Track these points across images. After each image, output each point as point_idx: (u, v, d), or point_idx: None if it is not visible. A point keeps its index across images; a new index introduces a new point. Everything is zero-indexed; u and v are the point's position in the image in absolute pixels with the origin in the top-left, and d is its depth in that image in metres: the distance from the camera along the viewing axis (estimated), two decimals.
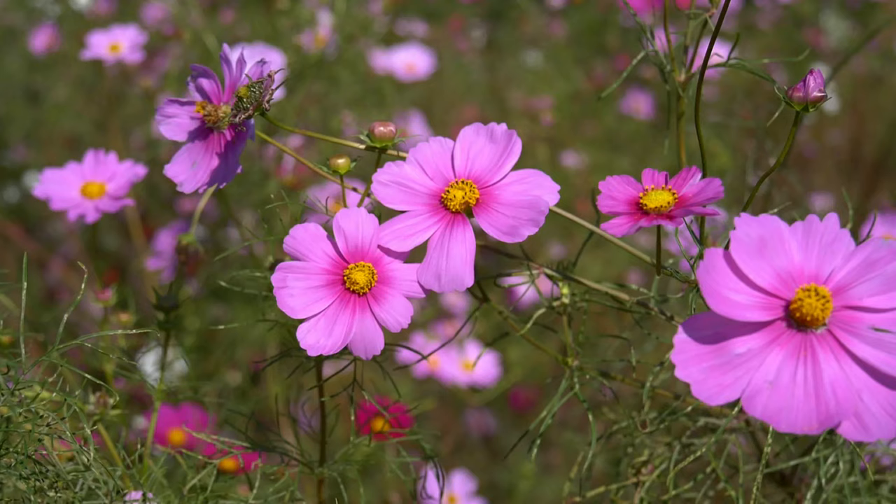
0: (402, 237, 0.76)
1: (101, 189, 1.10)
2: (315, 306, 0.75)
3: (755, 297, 0.61)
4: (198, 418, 1.31)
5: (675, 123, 0.91)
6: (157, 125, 0.82)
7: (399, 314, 0.74)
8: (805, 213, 1.43)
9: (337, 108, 2.10)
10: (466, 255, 0.75)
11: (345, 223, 0.76)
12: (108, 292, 1.07)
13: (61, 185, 1.11)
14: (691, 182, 0.73)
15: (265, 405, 1.81)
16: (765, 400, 0.59)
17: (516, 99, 2.80)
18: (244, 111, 0.77)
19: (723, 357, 0.60)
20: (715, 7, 0.85)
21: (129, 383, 1.13)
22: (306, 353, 0.74)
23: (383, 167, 0.78)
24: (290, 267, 0.75)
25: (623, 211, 0.73)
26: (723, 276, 0.61)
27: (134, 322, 1.06)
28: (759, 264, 0.62)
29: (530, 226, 0.74)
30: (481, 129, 0.79)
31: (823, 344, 0.60)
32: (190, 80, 0.82)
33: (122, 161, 1.13)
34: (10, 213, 2.68)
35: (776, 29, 2.92)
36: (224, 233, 2.07)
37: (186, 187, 0.81)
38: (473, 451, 2.29)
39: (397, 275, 0.76)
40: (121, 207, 1.08)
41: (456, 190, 0.77)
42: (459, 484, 1.70)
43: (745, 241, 0.62)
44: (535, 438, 0.87)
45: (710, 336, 0.61)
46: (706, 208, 0.69)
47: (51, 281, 2.56)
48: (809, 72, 0.75)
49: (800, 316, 0.60)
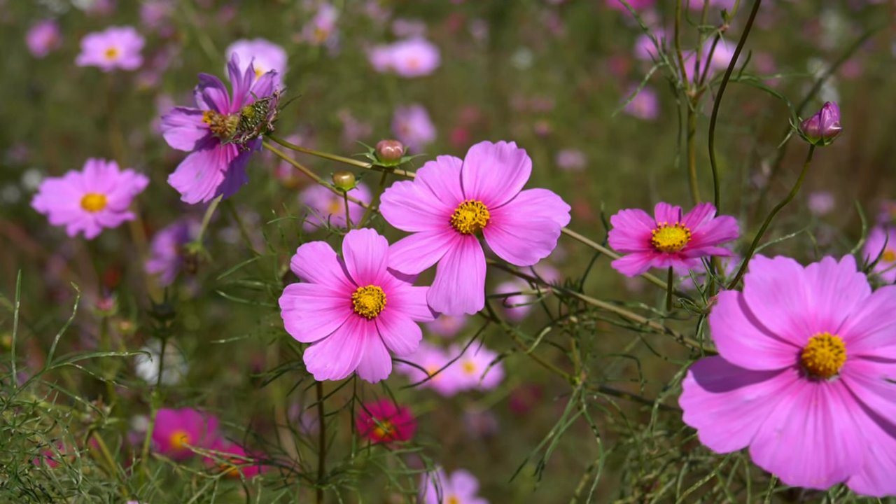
0: (411, 259, 0.75)
1: (101, 201, 1.09)
2: (323, 330, 0.73)
3: (767, 342, 0.60)
4: (199, 421, 1.30)
5: (686, 140, 0.90)
6: (163, 134, 0.82)
7: (408, 339, 0.73)
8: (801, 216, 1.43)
9: (338, 104, 2.10)
10: (477, 277, 0.73)
11: (354, 244, 0.75)
12: (108, 302, 1.07)
13: (61, 197, 1.10)
14: (705, 219, 0.72)
15: (264, 406, 1.80)
16: (773, 450, 0.58)
17: (517, 99, 2.80)
18: (248, 131, 0.76)
19: (732, 403, 0.59)
20: (728, 22, 0.84)
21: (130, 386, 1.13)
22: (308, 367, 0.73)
23: (392, 187, 0.77)
24: (299, 289, 0.74)
25: (635, 249, 0.72)
26: (736, 321, 0.60)
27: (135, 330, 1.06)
28: (773, 310, 0.61)
29: (542, 248, 0.73)
30: (490, 147, 0.78)
31: (835, 394, 0.59)
32: (197, 90, 0.82)
33: (123, 171, 1.12)
34: (10, 213, 2.67)
35: (776, 29, 2.92)
36: (223, 232, 2.07)
37: (191, 197, 0.80)
38: (474, 452, 2.29)
39: (406, 298, 0.75)
40: (121, 222, 1.07)
41: (466, 211, 0.75)
42: (460, 485, 1.70)
43: (759, 285, 0.61)
44: (542, 459, 0.86)
45: (719, 381, 0.60)
46: (719, 248, 0.68)
47: (50, 281, 2.56)
48: (825, 105, 0.74)
49: (812, 365, 0.59)
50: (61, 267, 2.51)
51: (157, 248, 1.65)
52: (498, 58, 3.27)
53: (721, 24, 0.85)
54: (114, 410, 0.93)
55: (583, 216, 2.34)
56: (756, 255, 0.62)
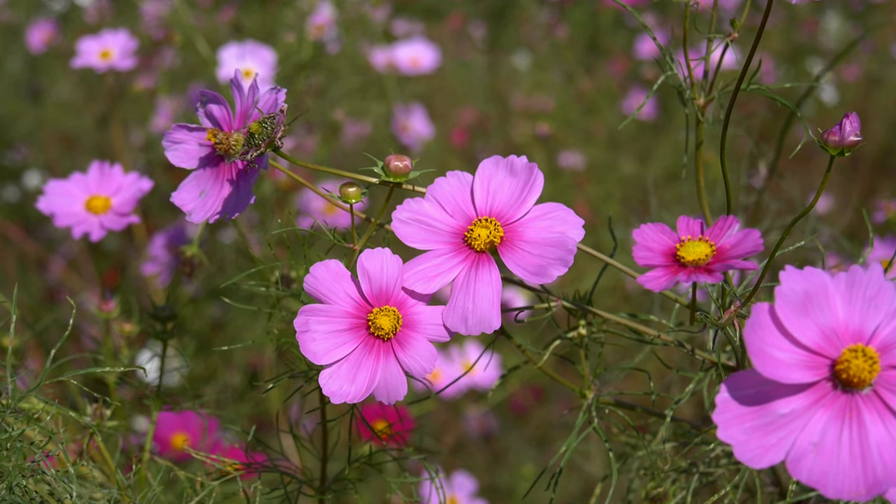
0: (426, 279, 0.74)
1: (105, 203, 1.09)
2: (338, 351, 0.72)
3: (800, 355, 0.60)
4: (199, 422, 1.30)
5: (694, 150, 0.89)
6: (164, 151, 0.80)
7: (424, 360, 0.72)
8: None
9: (337, 101, 2.10)
10: (493, 296, 0.73)
11: (369, 264, 0.74)
12: (111, 304, 1.07)
13: (65, 199, 1.09)
14: (729, 232, 0.70)
15: (263, 408, 1.80)
16: (810, 464, 0.58)
17: (516, 99, 2.80)
18: (256, 148, 0.74)
19: (765, 417, 0.59)
20: (737, 31, 0.83)
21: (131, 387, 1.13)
22: (310, 373, 0.73)
23: (402, 204, 0.76)
24: (313, 310, 0.73)
25: (659, 263, 0.70)
26: (768, 334, 0.60)
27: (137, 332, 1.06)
28: (804, 322, 0.60)
29: (559, 265, 0.72)
30: (500, 162, 0.77)
31: (869, 405, 0.59)
32: (199, 106, 0.80)
33: (127, 173, 1.12)
34: (10, 213, 2.67)
35: (776, 29, 2.92)
36: (220, 233, 2.07)
37: (196, 216, 0.79)
38: (474, 452, 2.29)
39: (422, 318, 0.74)
40: (126, 225, 1.07)
41: (480, 228, 0.75)
42: (459, 485, 1.70)
43: (790, 297, 0.60)
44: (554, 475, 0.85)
45: (752, 395, 0.60)
46: (746, 262, 0.67)
47: (50, 281, 2.56)
48: (845, 115, 0.73)
49: (846, 377, 0.59)
50: (61, 267, 2.51)
51: (153, 251, 1.65)
52: (497, 58, 3.27)
53: (730, 33, 0.84)
54: (115, 413, 0.93)
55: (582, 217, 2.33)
56: (787, 267, 0.61)
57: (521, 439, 2.31)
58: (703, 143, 0.88)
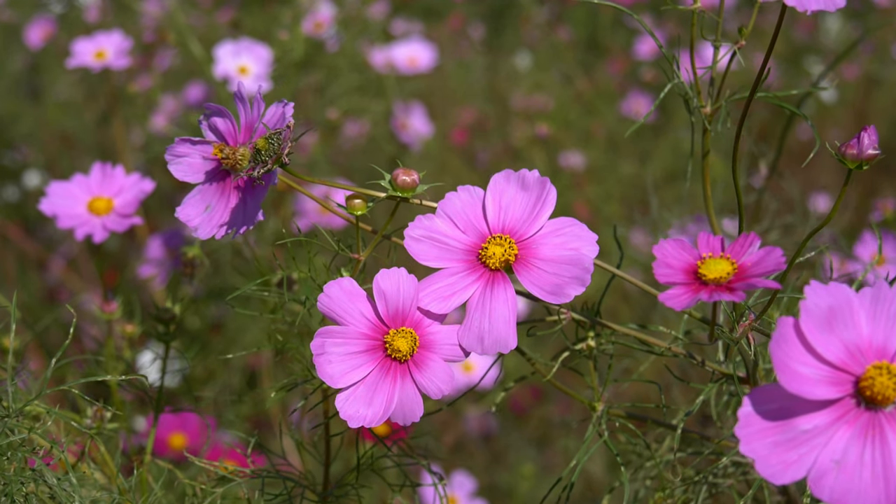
0: (441, 298, 0.73)
1: (108, 205, 1.09)
2: (355, 374, 0.72)
3: (824, 371, 0.59)
4: (197, 422, 1.31)
5: (701, 160, 0.88)
6: (167, 165, 0.79)
7: (441, 381, 0.72)
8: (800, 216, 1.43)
9: (336, 99, 2.10)
10: (510, 315, 0.72)
11: (385, 284, 0.73)
12: (113, 305, 1.07)
13: (68, 200, 1.09)
14: (750, 250, 0.69)
15: (262, 408, 1.80)
16: (832, 482, 0.57)
17: (516, 99, 2.80)
18: (262, 165, 0.73)
19: (788, 433, 0.59)
20: (744, 38, 0.82)
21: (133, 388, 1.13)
22: (313, 381, 0.72)
23: (414, 221, 0.75)
24: (329, 332, 0.72)
25: (680, 281, 0.69)
26: (793, 349, 0.59)
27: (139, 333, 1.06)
28: (828, 337, 0.60)
29: (576, 285, 0.71)
30: (512, 176, 0.76)
31: (892, 423, 0.59)
32: (203, 120, 0.79)
33: (129, 174, 1.12)
34: (10, 213, 2.68)
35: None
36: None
37: (202, 232, 0.77)
38: (473, 452, 2.29)
39: (438, 338, 0.73)
40: (129, 227, 1.07)
41: (494, 246, 0.74)
42: (459, 484, 1.70)
43: (814, 312, 0.60)
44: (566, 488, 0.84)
45: (775, 410, 0.59)
46: (768, 281, 0.66)
47: (50, 281, 2.56)
48: (863, 128, 0.72)
49: (870, 395, 0.59)
50: (61, 267, 2.51)
51: (150, 253, 1.65)
52: (497, 58, 3.27)
53: (737, 40, 0.83)
54: (115, 415, 0.93)
55: (582, 217, 2.34)
56: (811, 282, 0.61)
57: (520, 439, 2.31)
58: (709, 152, 0.87)
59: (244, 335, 1.95)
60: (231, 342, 1.98)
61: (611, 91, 2.73)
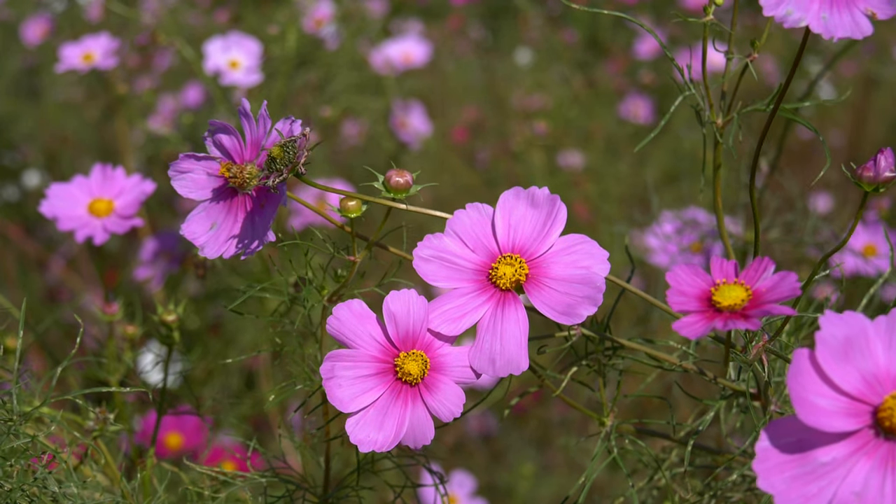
0: (452, 319, 0.72)
1: (108, 206, 1.09)
2: (365, 398, 0.71)
3: (841, 402, 0.59)
4: (194, 423, 1.31)
5: (714, 174, 0.86)
6: (171, 181, 0.77)
7: (452, 404, 0.71)
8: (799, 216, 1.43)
9: (335, 96, 2.10)
10: (521, 336, 0.71)
11: (395, 306, 0.71)
12: (114, 306, 1.07)
13: (68, 202, 1.09)
14: (764, 275, 0.68)
15: (259, 409, 1.81)
16: None
17: (515, 99, 2.80)
18: (278, 174, 0.70)
19: (806, 466, 0.58)
20: (757, 52, 0.81)
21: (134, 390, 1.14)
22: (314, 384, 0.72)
23: (423, 240, 0.74)
24: (339, 356, 0.71)
25: (694, 309, 0.68)
26: (809, 381, 0.59)
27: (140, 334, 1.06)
28: (845, 368, 0.59)
29: (588, 304, 0.70)
30: (521, 193, 0.75)
31: None
32: (207, 136, 0.77)
33: (130, 175, 1.12)
34: (10, 213, 2.68)
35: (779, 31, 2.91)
36: None
37: (209, 251, 0.76)
38: (473, 452, 2.29)
39: (449, 360, 0.72)
40: (130, 228, 1.07)
41: (505, 266, 0.72)
42: (459, 484, 1.70)
43: (830, 343, 0.59)
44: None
45: (793, 443, 0.58)
46: (783, 307, 0.65)
47: (51, 280, 2.56)
48: (879, 151, 0.71)
49: (889, 425, 0.58)
50: (61, 267, 2.51)
51: (145, 255, 1.65)
52: (495, 59, 3.27)
53: (749, 53, 0.82)
54: (118, 417, 0.93)
55: (581, 217, 2.34)
56: (826, 312, 0.60)
57: (520, 439, 2.31)
58: (720, 165, 0.86)
59: (242, 336, 1.95)
60: (229, 343, 1.98)
61: (609, 92, 2.73)
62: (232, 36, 1.77)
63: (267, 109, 0.73)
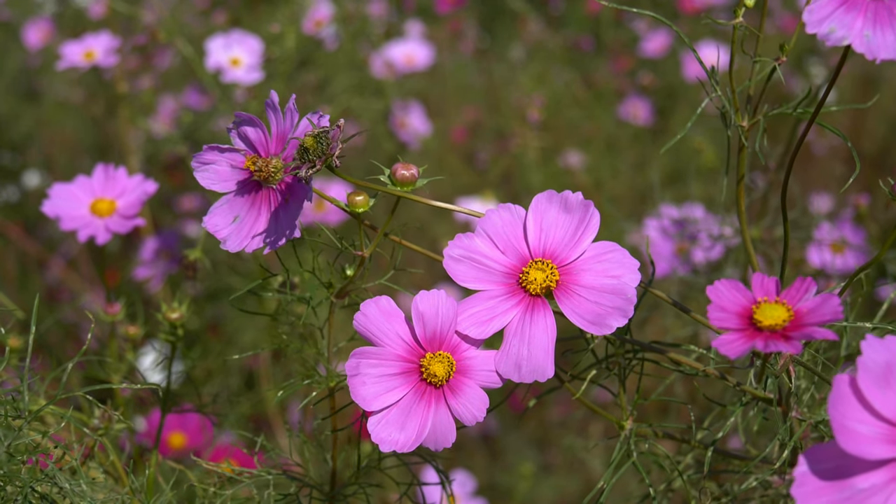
0: (480, 322, 0.71)
1: (111, 206, 1.09)
2: (388, 397, 0.70)
3: (881, 428, 0.58)
4: (196, 420, 1.31)
5: (738, 182, 0.85)
6: (193, 172, 0.76)
7: (476, 408, 0.71)
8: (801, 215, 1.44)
9: (335, 97, 2.10)
10: (549, 343, 0.70)
11: (423, 306, 0.71)
12: (116, 306, 1.07)
13: (70, 202, 1.09)
14: (806, 296, 0.67)
15: (260, 408, 1.81)
16: None
17: (514, 100, 2.80)
18: (310, 165, 0.69)
19: (845, 492, 0.58)
20: (785, 55, 0.81)
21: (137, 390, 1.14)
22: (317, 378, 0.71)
23: (454, 240, 0.73)
24: (364, 353, 0.70)
25: (734, 326, 0.67)
26: (849, 407, 0.58)
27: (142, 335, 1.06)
28: (886, 394, 0.58)
29: (618, 315, 0.69)
30: (554, 197, 0.74)
31: None
32: (232, 128, 0.76)
33: (132, 175, 1.12)
34: (10, 213, 2.67)
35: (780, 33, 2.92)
36: None
37: (231, 244, 0.75)
38: (473, 452, 2.29)
39: (474, 363, 0.71)
40: (132, 228, 1.07)
41: (535, 272, 0.72)
42: (459, 483, 1.70)
43: (871, 368, 0.59)
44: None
45: (831, 469, 0.58)
46: (826, 331, 0.64)
47: (51, 281, 2.56)
48: None
49: None
50: (61, 267, 2.51)
51: (145, 255, 1.65)
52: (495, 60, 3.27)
53: (778, 57, 0.82)
54: (122, 415, 0.93)
55: None
56: (867, 336, 0.59)
57: (520, 439, 2.31)
58: (744, 176, 0.85)
59: (242, 335, 1.95)
60: (229, 342, 1.98)
61: (609, 93, 2.73)
62: (234, 33, 1.78)
63: (295, 103, 0.72)
